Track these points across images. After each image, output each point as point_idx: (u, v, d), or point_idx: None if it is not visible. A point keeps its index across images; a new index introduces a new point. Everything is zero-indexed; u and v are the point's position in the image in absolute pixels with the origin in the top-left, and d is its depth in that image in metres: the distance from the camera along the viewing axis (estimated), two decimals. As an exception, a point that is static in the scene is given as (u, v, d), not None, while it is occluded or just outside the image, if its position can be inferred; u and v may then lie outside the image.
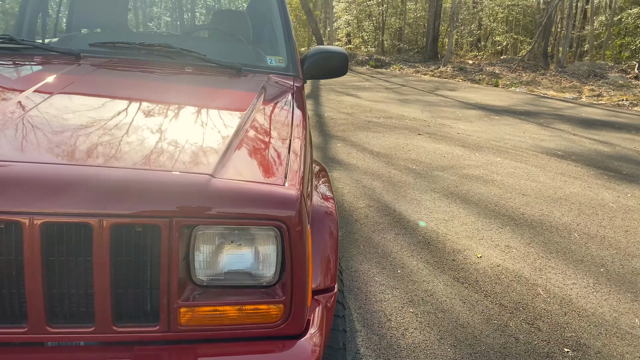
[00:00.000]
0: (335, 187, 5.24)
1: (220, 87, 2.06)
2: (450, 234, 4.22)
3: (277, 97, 2.01)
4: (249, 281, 1.27)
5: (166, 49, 2.20)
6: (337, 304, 1.67)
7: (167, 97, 1.80)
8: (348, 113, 9.80)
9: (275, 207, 1.21)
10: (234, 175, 1.25)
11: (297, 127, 1.73)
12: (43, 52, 2.13)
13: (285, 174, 1.32)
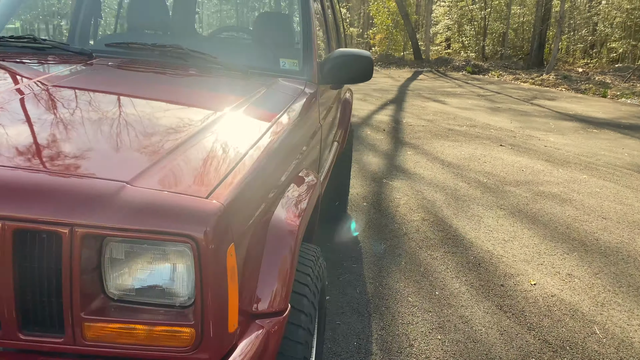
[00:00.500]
0: (392, 198, 5.03)
1: (208, 89, 2.00)
2: (506, 256, 3.88)
3: (268, 102, 1.90)
4: (163, 300, 1.18)
5: (176, 51, 2.18)
6: (299, 329, 1.54)
7: (138, 99, 1.76)
8: (429, 120, 9.46)
9: (184, 222, 1.11)
10: (154, 184, 1.17)
11: (272, 134, 1.61)
12: (59, 52, 2.19)
13: (216, 186, 1.21)
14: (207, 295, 1.13)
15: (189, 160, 1.31)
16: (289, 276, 1.42)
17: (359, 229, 4.11)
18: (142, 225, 1.10)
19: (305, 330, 1.55)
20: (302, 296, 1.60)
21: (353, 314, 2.98)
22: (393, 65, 22.17)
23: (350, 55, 2.40)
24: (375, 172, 5.86)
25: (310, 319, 1.59)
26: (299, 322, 1.55)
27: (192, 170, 1.28)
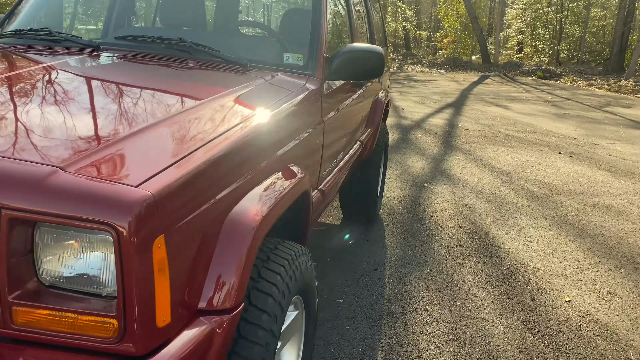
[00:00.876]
0: (430, 203, 4.85)
1: (195, 82, 1.98)
2: (542, 270, 3.63)
3: (253, 95, 1.85)
4: (91, 289, 1.16)
5: (180, 44, 2.18)
6: (259, 329, 1.48)
7: (115, 88, 1.77)
8: (486, 125, 9.11)
9: (106, 210, 1.08)
10: (88, 171, 1.15)
11: (243, 127, 1.56)
12: (70, 44, 2.25)
13: (152, 176, 1.17)
14: (129, 287, 1.10)
15: (136, 149, 1.28)
16: (243, 273, 1.36)
17: (352, 238, 3.96)
18: (68, 211, 1.08)
19: (266, 332, 1.49)
20: (267, 295, 1.54)
21: (364, 319, 2.88)
22: (459, 69, 21.60)
23: (359, 51, 2.31)
24: (418, 176, 5.69)
25: (274, 320, 1.52)
26: (259, 322, 1.49)
27: (136, 159, 1.25)
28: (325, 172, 2.40)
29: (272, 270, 1.61)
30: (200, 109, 1.59)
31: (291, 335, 1.94)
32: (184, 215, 1.22)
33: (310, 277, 1.90)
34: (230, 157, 1.43)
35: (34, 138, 1.27)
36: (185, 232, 1.23)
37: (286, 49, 2.35)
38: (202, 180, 1.30)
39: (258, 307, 1.51)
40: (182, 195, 1.21)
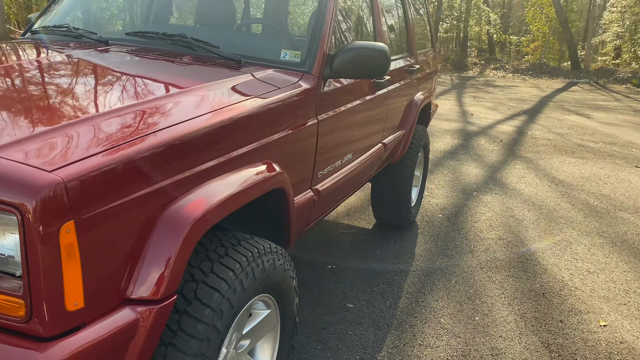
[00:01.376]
0: (474, 212, 4.63)
1: (178, 75, 2.00)
2: (582, 290, 3.36)
3: (231, 90, 1.84)
4: (8, 268, 1.20)
5: (182, 40, 2.23)
6: (199, 323, 1.47)
7: (94, 79, 1.83)
8: (559, 134, 8.57)
9: (13, 191, 1.11)
10: (11, 153, 1.19)
11: (195, 121, 1.54)
12: (83, 40, 2.37)
13: (72, 162, 1.19)
14: (34, 268, 1.12)
15: (72, 137, 1.31)
16: (175, 264, 1.36)
17: (380, 244, 3.84)
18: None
19: (207, 326, 1.48)
20: (214, 290, 1.53)
21: (370, 327, 2.80)
22: (545, 75, 20.52)
23: (362, 48, 2.24)
24: (469, 184, 5.46)
25: (219, 316, 1.51)
26: (201, 316, 1.48)
27: (66, 146, 1.28)
28: (323, 172, 2.35)
29: (225, 266, 1.59)
30: (159, 102, 1.60)
31: (262, 333, 1.92)
32: (105, 203, 1.23)
33: (283, 276, 1.87)
34: (173, 150, 1.43)
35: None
36: (108, 220, 1.24)
37: (287, 46, 2.33)
38: (132, 170, 1.30)
39: (202, 301, 1.50)
40: (103, 184, 1.23)
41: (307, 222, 2.33)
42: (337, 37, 2.57)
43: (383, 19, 3.07)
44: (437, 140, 7.45)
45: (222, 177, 1.60)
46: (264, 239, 1.84)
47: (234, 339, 1.72)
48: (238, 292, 1.59)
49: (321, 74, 2.22)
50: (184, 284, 1.53)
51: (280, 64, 2.21)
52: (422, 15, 4.35)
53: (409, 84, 3.59)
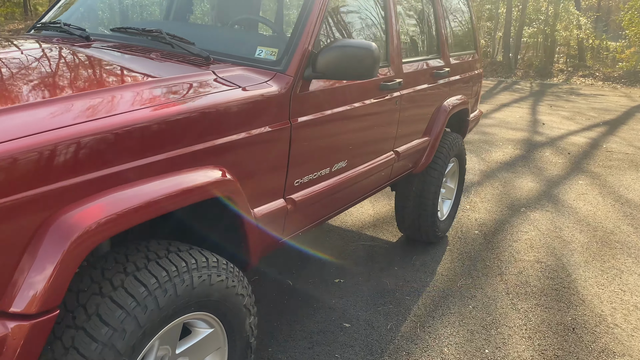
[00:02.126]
0: (516, 230, 4.23)
1: (136, 70, 1.88)
2: (622, 327, 2.92)
3: (183, 88, 1.69)
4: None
5: (159, 35, 2.13)
6: (93, 342, 1.34)
7: (38, 72, 1.76)
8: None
9: None
10: None
11: (109, 120, 1.41)
12: (68, 36, 2.34)
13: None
14: None
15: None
16: (55, 278, 1.23)
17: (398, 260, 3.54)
18: None
19: (103, 346, 1.34)
20: (117, 307, 1.39)
21: (362, 350, 2.57)
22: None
23: (345, 47, 2.04)
24: (519, 199, 5.02)
25: (120, 336, 1.37)
26: (97, 334, 1.35)
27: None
28: (301, 181, 2.15)
29: (138, 280, 1.46)
30: (84, 97, 1.49)
31: (204, 353, 1.77)
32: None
33: (226, 294, 1.71)
34: (73, 150, 1.30)
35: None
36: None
37: (266, 43, 2.16)
38: (16, 170, 1.19)
39: (101, 317, 1.37)
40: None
41: (281, 233, 2.14)
42: (331, 35, 2.37)
43: (394, 18, 2.82)
44: (496, 150, 6.98)
45: (141, 182, 1.46)
46: (206, 252, 1.68)
47: (160, 357, 1.58)
48: (150, 311, 1.44)
49: (299, 74, 2.04)
50: (89, 297, 1.41)
51: (254, 62, 2.05)
52: (461, 17, 4.02)
53: (435, 88, 3.30)
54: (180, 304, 1.54)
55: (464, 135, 4.08)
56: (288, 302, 2.94)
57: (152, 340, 1.50)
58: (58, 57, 2.00)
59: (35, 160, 1.23)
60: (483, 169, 5.99)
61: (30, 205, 1.23)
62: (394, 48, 2.79)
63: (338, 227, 4.05)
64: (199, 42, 2.13)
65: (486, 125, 8.73)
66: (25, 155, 1.22)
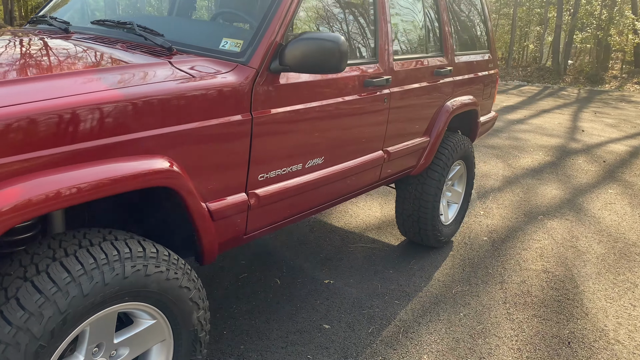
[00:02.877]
0: (528, 238, 4.04)
1: (89, 59, 1.89)
2: (624, 344, 2.74)
3: (125, 77, 1.68)
4: None
5: (131, 27, 2.14)
6: (7, 324, 1.34)
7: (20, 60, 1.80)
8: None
9: None
10: None
11: (50, 104, 1.42)
12: (49, 28, 2.39)
13: None
14: None
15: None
16: None
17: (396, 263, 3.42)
18: None
19: (17, 329, 1.35)
20: (36, 291, 1.39)
21: (336, 353, 2.49)
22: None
23: (311, 39, 1.99)
24: (539, 206, 4.80)
25: (37, 320, 1.37)
26: (12, 318, 1.35)
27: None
28: (267, 176, 2.11)
29: (63, 266, 1.46)
30: (30, 81, 1.51)
31: (146, 345, 1.76)
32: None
33: (165, 285, 1.68)
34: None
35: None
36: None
37: (233, 35, 2.13)
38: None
39: (19, 301, 1.37)
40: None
41: (243, 229, 2.11)
42: (311, 28, 2.33)
43: (386, 15, 2.74)
44: (525, 156, 6.72)
45: (71, 168, 1.46)
46: (146, 242, 1.67)
47: (92, 347, 1.58)
48: (73, 297, 1.43)
49: (263, 66, 2.00)
50: (13, 281, 1.42)
51: (218, 54, 2.03)
52: (472, 17, 3.89)
53: (435, 87, 3.19)
54: (109, 293, 1.53)
55: (473, 138, 3.93)
56: (271, 300, 2.90)
57: (79, 327, 1.50)
58: (28, 46, 2.04)
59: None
60: (506, 175, 5.78)
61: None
62: (384, 45, 2.72)
63: (340, 228, 3.98)
64: (169, 34, 2.14)
65: (519, 131, 8.44)
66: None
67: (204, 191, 1.88)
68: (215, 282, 3.04)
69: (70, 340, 1.50)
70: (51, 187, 1.40)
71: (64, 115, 1.45)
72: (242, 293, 2.94)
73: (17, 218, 1.33)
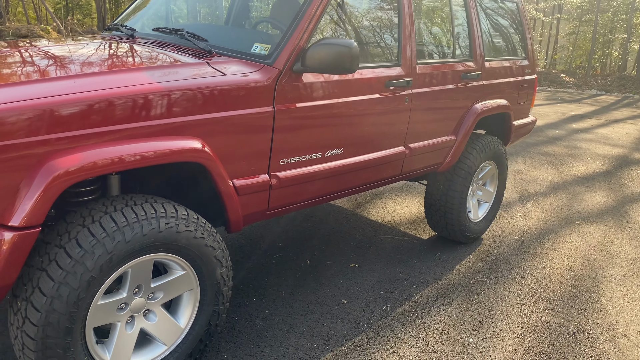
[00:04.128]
0: (560, 240, 4.14)
1: (141, 59, 2.33)
2: (632, 339, 2.85)
3: (171, 74, 2.08)
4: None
5: (181, 34, 2.58)
6: (68, 257, 1.77)
7: (78, 59, 2.29)
8: None
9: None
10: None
11: (104, 91, 1.86)
12: (120, 34, 2.88)
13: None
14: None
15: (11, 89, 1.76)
16: (36, 205, 1.67)
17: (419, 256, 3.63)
18: None
19: (75, 262, 1.77)
20: (90, 235, 1.82)
21: (349, 323, 2.80)
22: None
23: (326, 45, 2.32)
24: (580, 211, 4.85)
25: (90, 256, 1.79)
26: (72, 253, 1.78)
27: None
28: (288, 161, 2.46)
29: (112, 218, 1.87)
30: (97, 75, 1.97)
31: (177, 291, 2.16)
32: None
33: (193, 243, 2.07)
34: (67, 112, 1.76)
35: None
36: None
37: (264, 40, 2.52)
38: (23, 120, 1.66)
39: (77, 241, 1.80)
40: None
41: (266, 205, 2.47)
42: (336, 34, 2.67)
43: (408, 22, 3.01)
44: (580, 164, 6.68)
45: (119, 143, 1.88)
46: (180, 207, 2.07)
47: (133, 287, 2.00)
48: (117, 242, 1.85)
49: (286, 67, 2.36)
50: (75, 227, 1.86)
51: (249, 56, 2.41)
52: (508, 23, 4.06)
53: (461, 90, 3.43)
54: (146, 243, 1.93)
55: (507, 140, 4.10)
56: (299, 277, 3.25)
57: (122, 267, 1.91)
58: (97, 48, 2.52)
59: (39, 115, 1.70)
60: (554, 181, 5.81)
61: (36, 145, 1.69)
62: (406, 50, 3.00)
63: (375, 221, 4.27)
64: (212, 39, 2.55)
65: (581, 140, 8.31)
66: (32, 110, 1.69)
67: (230, 170, 2.26)
68: (253, 259, 3.43)
69: (115, 277, 1.92)
70: (113, 154, 1.82)
71: (117, 102, 1.88)
72: (274, 269, 3.32)
73: (77, 176, 1.75)
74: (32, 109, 1.69)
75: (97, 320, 1.93)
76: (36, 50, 2.46)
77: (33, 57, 2.34)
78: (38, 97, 1.74)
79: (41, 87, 1.82)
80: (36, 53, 2.40)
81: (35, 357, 1.80)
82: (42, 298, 1.76)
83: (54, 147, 1.74)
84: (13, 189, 1.69)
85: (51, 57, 2.35)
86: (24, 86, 1.82)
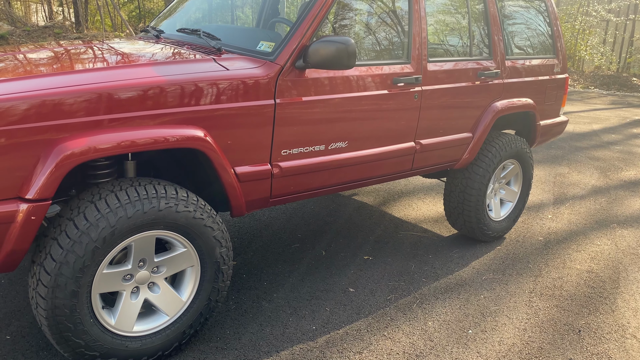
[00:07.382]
0: (588, 242, 4.05)
1: (158, 56, 2.56)
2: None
3: (177, 68, 2.29)
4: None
5: (197, 33, 2.81)
6: (75, 228, 2.01)
7: (113, 55, 2.57)
8: None
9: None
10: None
11: (115, 81, 2.09)
12: (147, 35, 3.15)
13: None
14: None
15: (32, 81, 2.03)
16: (46, 181, 1.91)
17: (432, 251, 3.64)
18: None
19: (82, 233, 2.01)
20: (96, 210, 2.05)
21: (351, 310, 2.91)
22: None
23: (325, 42, 2.46)
24: (617, 215, 4.70)
25: (94, 228, 2.02)
26: (79, 225, 2.02)
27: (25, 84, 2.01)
28: (290, 152, 2.60)
29: (116, 196, 2.10)
30: (111, 70, 2.21)
31: (179, 266, 2.36)
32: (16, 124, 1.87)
33: (192, 222, 2.26)
34: (75, 99, 2.00)
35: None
36: (16, 137, 1.87)
37: (270, 39, 2.69)
38: (40, 107, 1.91)
39: (85, 215, 2.04)
40: (16, 109, 1.87)
41: (269, 193, 2.64)
42: (342, 32, 2.81)
43: (419, 22, 3.09)
44: (629, 169, 6.42)
45: (123, 129, 2.10)
46: (180, 189, 2.27)
47: (137, 260, 2.22)
48: (120, 217, 2.07)
49: (288, 63, 2.52)
50: (83, 203, 2.10)
51: (255, 53, 2.59)
52: (535, 22, 4.03)
53: (477, 88, 3.46)
54: (147, 220, 2.14)
55: (533, 140, 4.07)
56: (312, 266, 3.39)
57: (125, 241, 2.13)
58: (131, 47, 2.80)
59: (54, 103, 1.95)
60: (597, 185, 5.64)
61: (50, 129, 1.94)
62: (416, 48, 3.08)
63: (398, 217, 4.34)
64: (225, 38, 2.75)
65: (638, 145, 7.95)
66: (49, 98, 1.94)
67: (232, 158, 2.44)
68: (271, 249, 3.61)
69: (120, 249, 2.15)
70: (105, 140, 2.05)
71: (125, 93, 2.11)
72: (289, 258, 3.48)
73: (83, 157, 1.99)
74: (50, 97, 1.94)
75: (103, 287, 2.16)
76: (73, 48, 2.76)
77: (61, 56, 2.64)
78: (56, 87, 2.00)
79: (59, 79, 2.08)
80: (72, 51, 2.70)
81: (46, 315, 2.05)
82: (52, 263, 2.01)
83: (66, 132, 1.99)
84: (31, 166, 1.94)
85: (76, 54, 2.64)
86: (40, 79, 2.08)
